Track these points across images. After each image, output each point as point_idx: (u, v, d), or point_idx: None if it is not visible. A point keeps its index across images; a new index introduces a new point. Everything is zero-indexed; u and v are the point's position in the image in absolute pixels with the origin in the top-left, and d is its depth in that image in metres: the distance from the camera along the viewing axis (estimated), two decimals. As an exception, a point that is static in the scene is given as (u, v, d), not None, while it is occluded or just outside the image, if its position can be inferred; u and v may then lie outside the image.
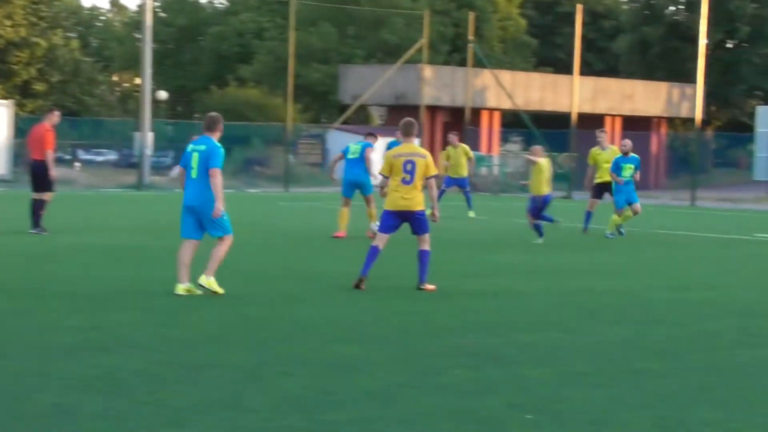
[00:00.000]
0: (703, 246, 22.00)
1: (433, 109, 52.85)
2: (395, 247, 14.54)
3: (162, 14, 70.04)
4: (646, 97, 59.98)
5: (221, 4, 76.87)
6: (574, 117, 47.39)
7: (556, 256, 18.16)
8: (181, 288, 12.22)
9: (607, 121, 57.90)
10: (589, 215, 22.68)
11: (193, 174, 12.24)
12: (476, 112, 53.80)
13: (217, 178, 12.10)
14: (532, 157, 20.20)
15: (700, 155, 49.90)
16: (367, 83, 52.30)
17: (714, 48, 69.67)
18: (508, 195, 42.90)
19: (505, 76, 55.30)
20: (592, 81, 58.28)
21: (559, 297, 13.27)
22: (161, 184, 39.87)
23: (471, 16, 51.69)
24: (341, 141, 49.88)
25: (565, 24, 66.59)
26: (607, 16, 74.78)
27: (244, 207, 27.91)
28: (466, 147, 28.33)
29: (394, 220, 13.20)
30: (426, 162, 13.11)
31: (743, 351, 10.03)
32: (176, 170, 13.86)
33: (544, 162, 19.95)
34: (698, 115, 45.03)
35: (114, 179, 42.32)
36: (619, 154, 22.12)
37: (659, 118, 61.40)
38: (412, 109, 47.91)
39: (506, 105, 54.50)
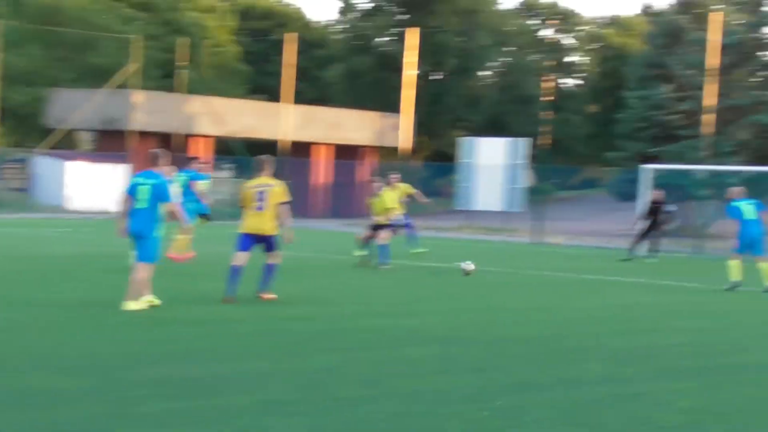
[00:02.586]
0: (408, 273, 22.46)
1: (144, 135, 52.06)
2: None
3: None
4: (357, 126, 61.00)
5: None
6: (284, 145, 47.67)
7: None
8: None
9: (319, 149, 58.59)
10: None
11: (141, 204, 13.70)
12: (188, 138, 53.37)
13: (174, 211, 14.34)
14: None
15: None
16: (76, 107, 51.03)
17: (422, 79, 71.79)
18: (219, 222, 42.59)
19: (218, 102, 55.13)
20: (303, 109, 58.85)
21: (266, 324, 13.24)
22: None
23: (183, 41, 51.26)
24: (47, 166, 48.48)
25: (278, 52, 67.09)
26: (319, 45, 75.82)
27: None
28: (406, 186, 27.45)
29: (249, 241, 15.20)
30: (277, 191, 15.06)
31: (442, 377, 10.24)
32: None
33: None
34: (406, 144, 46.13)
35: None
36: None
37: (369, 147, 62.57)
38: (122, 135, 47.02)
39: (219, 132, 54.32)
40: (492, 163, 46.23)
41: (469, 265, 22.18)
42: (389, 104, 66.70)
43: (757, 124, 47.64)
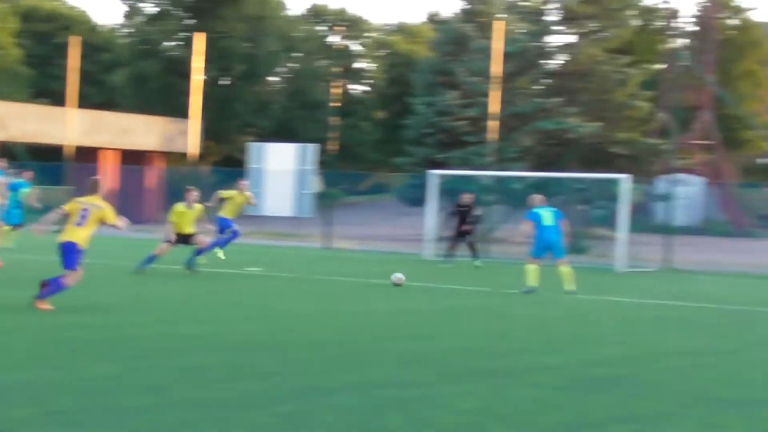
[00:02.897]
0: (196, 280, 22.28)
1: None
2: None
3: None
4: (144, 131, 60.18)
5: None
6: (69, 150, 46.62)
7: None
8: None
9: (106, 154, 57.52)
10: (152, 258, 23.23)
11: None
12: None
13: None
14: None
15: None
16: None
17: (210, 85, 71.28)
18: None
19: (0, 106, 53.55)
20: (89, 114, 57.68)
21: (44, 333, 12.93)
22: None
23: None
24: None
25: (62, 55, 65.55)
26: (105, 49, 74.41)
27: None
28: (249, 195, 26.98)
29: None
30: (102, 213, 15.86)
31: (230, 384, 10.20)
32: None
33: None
34: (194, 149, 45.75)
35: None
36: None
37: (157, 152, 61.80)
38: None
39: (1, 137, 52.70)
40: (281, 169, 46.24)
41: (400, 278, 22.17)
42: (177, 109, 66.01)
43: (540, 131, 49.13)
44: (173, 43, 72.21)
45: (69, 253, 15.57)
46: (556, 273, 22.39)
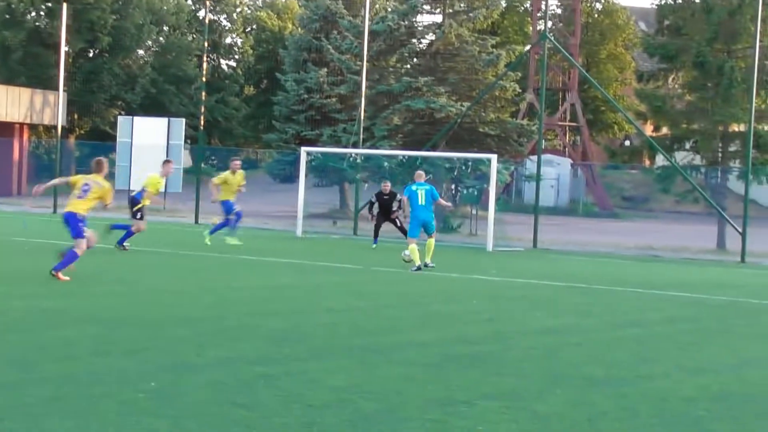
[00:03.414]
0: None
1: None
2: None
3: None
4: (9, 102, 58.79)
5: None
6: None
7: None
8: None
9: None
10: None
11: None
12: None
13: None
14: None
15: (63, 162, 49.74)
16: None
17: (76, 56, 69.93)
18: None
19: None
20: (-50, 84, 56.24)
21: None
22: None
23: None
24: None
25: None
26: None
27: None
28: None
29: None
30: (103, 190, 17.39)
31: (98, 359, 10.07)
32: None
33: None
34: (60, 122, 44.86)
35: None
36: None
37: (21, 124, 60.46)
38: None
39: None
40: (150, 143, 45.68)
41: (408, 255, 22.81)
42: (43, 81, 64.62)
43: (409, 110, 49.37)
44: (37, 14, 70.57)
45: (73, 223, 17.22)
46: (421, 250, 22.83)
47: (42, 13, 69.65)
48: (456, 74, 50.84)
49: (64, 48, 43.49)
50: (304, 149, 35.64)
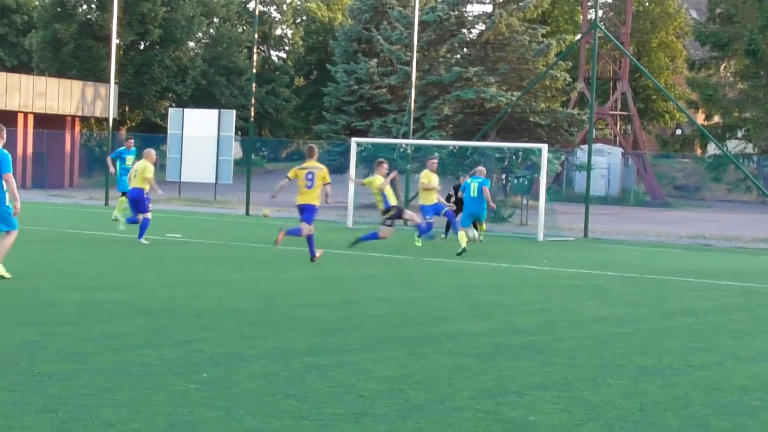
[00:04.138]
0: (116, 246, 22.07)
1: None
2: None
3: None
4: (60, 94, 59.33)
5: None
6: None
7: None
8: None
9: (20, 117, 56.65)
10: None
11: None
12: None
13: (11, 182, 14.31)
14: None
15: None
16: None
17: (127, 49, 70.40)
18: None
19: None
20: (3, 77, 56.75)
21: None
22: None
23: None
24: None
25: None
26: (18, 11, 73.08)
27: None
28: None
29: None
30: (322, 173, 19.73)
31: (151, 351, 10.13)
32: None
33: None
34: (111, 114, 45.24)
35: None
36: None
37: (73, 116, 61.00)
38: None
39: None
40: (200, 135, 45.94)
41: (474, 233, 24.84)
42: (94, 74, 65.19)
43: (460, 100, 49.27)
44: (89, 6, 71.12)
45: (309, 214, 19.61)
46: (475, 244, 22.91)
47: (93, 5, 70.19)
48: (506, 64, 50.67)
49: (115, 40, 43.79)
50: (354, 140, 35.66)
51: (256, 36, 41.45)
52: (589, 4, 65.52)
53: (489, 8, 54.44)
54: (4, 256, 14.85)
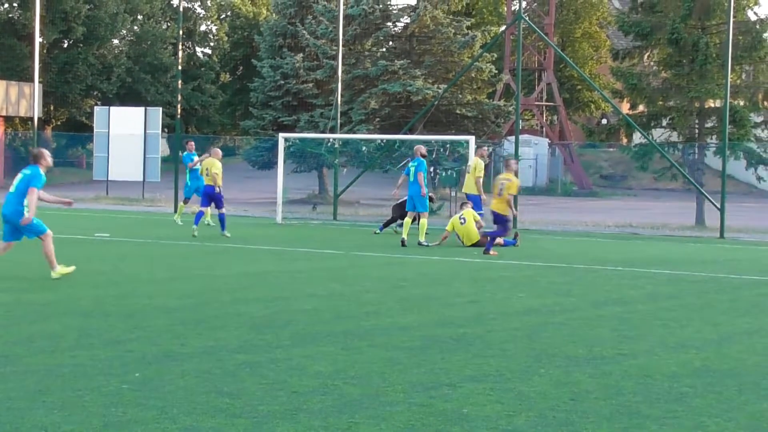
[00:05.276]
0: (38, 247, 21.79)
1: None
2: None
3: None
4: (-16, 95, 58.52)
5: None
6: None
7: None
8: None
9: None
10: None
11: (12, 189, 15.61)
12: None
13: (33, 195, 15.36)
14: None
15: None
16: None
17: (50, 47, 69.59)
18: None
19: None
20: (-77, 77, 55.89)
21: None
22: None
23: None
24: None
25: None
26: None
27: None
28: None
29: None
30: (512, 184, 22.92)
31: (82, 352, 10.06)
32: None
33: None
34: (36, 113, 44.70)
35: None
36: None
37: (-3, 116, 60.22)
38: None
39: None
40: (127, 133, 45.57)
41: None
42: (17, 73, 64.33)
43: (386, 93, 49.33)
44: (10, 5, 70.17)
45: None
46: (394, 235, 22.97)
47: (15, 4, 69.26)
48: (432, 57, 50.82)
49: (38, 39, 43.27)
50: (281, 135, 35.56)
51: (181, 32, 41.18)
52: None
53: (413, 1, 54.56)
54: (54, 257, 15.91)
